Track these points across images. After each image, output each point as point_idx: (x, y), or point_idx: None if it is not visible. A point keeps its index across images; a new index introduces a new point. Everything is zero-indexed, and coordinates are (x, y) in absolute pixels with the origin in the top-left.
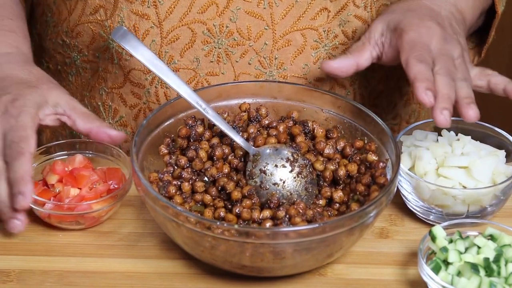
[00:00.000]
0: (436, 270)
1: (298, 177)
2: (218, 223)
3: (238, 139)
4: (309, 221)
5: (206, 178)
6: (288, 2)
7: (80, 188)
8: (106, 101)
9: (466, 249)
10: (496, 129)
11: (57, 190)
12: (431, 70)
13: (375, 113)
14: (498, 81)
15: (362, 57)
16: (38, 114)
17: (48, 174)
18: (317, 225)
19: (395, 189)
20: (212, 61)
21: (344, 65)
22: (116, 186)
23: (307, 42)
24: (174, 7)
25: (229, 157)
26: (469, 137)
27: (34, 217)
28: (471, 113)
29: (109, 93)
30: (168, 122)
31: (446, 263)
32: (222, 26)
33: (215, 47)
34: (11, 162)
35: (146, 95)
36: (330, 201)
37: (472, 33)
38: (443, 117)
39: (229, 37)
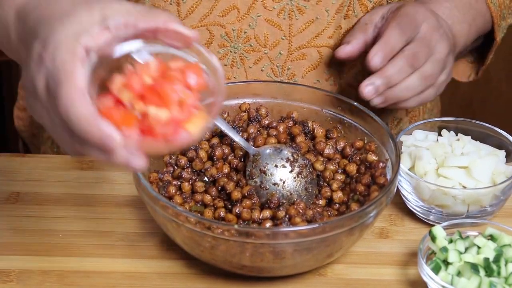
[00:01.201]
0: (436, 270)
1: (298, 177)
2: (218, 223)
3: (238, 139)
4: (309, 221)
5: (206, 178)
6: (308, 17)
7: (168, 108)
8: None
9: (466, 249)
10: (496, 129)
11: (138, 114)
12: (403, 43)
13: None
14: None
15: (368, 35)
16: (79, 41)
17: (120, 89)
18: (317, 225)
19: (395, 189)
20: (226, 65)
21: (355, 46)
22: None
23: (322, 59)
24: (196, 7)
25: (229, 157)
26: (469, 137)
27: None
28: (366, 90)
29: None
30: None
31: (446, 263)
32: (240, 31)
33: (230, 51)
34: (66, 120)
35: None
36: (330, 201)
37: (472, 50)
38: (366, 89)
39: (246, 43)
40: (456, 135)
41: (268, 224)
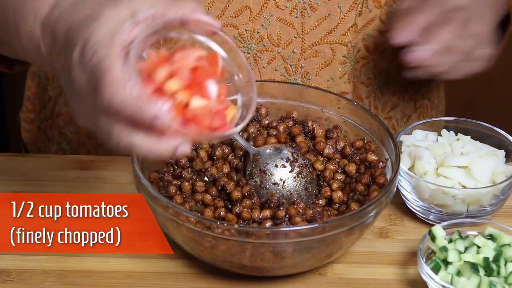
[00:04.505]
0: (436, 269)
1: (298, 177)
2: (218, 223)
3: (238, 139)
4: (309, 221)
5: (206, 178)
6: (320, 14)
7: (207, 98)
8: None
9: (466, 248)
10: (496, 129)
11: (179, 101)
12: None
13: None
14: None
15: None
16: (114, 41)
17: (168, 81)
18: (317, 225)
19: (395, 189)
20: None
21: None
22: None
23: (335, 56)
24: (208, 9)
25: (229, 157)
26: (469, 137)
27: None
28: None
29: None
30: None
31: (446, 262)
32: (253, 32)
33: (244, 52)
34: (115, 108)
35: None
36: (330, 201)
37: None
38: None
39: (259, 43)
40: (456, 134)
41: (268, 224)
